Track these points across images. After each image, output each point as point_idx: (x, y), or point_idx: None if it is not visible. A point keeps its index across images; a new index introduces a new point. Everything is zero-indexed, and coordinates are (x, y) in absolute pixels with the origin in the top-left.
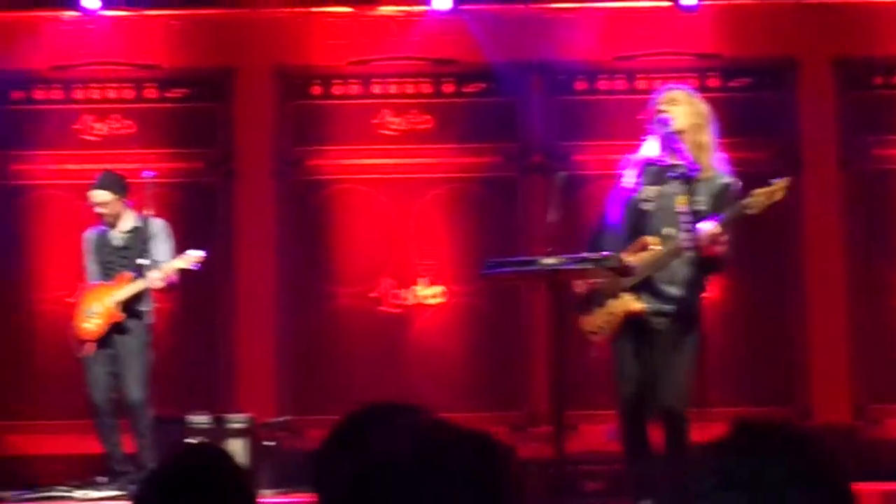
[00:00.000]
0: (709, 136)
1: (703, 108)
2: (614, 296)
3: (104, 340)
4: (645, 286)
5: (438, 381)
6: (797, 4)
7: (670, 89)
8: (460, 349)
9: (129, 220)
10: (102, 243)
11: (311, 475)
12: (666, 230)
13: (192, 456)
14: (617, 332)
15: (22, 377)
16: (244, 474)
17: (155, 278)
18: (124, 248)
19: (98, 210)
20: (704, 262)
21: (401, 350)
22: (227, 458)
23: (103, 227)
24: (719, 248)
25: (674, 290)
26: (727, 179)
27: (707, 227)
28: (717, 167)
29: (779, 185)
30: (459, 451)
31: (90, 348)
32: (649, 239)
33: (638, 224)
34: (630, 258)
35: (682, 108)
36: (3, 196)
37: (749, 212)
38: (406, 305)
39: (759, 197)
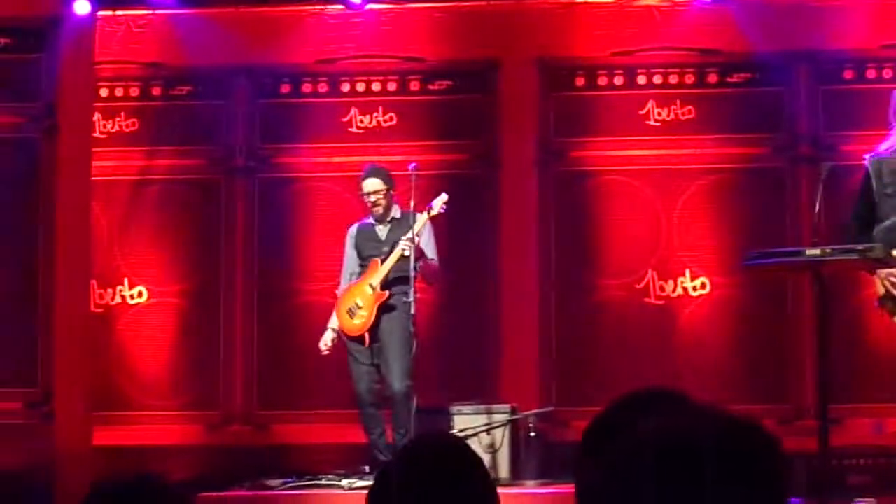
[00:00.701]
0: None
1: None
2: None
3: (372, 333)
4: None
5: (702, 372)
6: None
7: None
8: (724, 341)
9: (395, 214)
10: (368, 237)
11: (573, 463)
12: None
13: (426, 447)
14: None
15: (290, 368)
16: (480, 465)
17: (407, 241)
18: (384, 240)
19: (371, 199)
20: None
21: (665, 342)
22: (463, 447)
23: (369, 221)
24: None
25: None
26: None
27: None
28: None
29: None
30: (732, 437)
31: (365, 340)
32: None
33: None
34: None
35: None
36: (271, 187)
37: None
38: (670, 297)
39: None
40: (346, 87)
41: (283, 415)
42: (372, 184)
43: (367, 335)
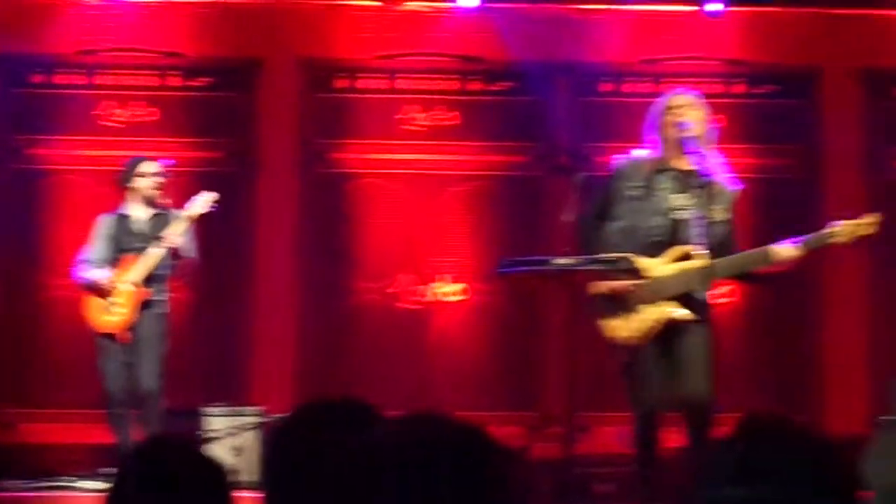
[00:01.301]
0: (712, 143)
1: (709, 113)
2: (650, 302)
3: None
4: (690, 296)
5: (455, 378)
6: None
7: (682, 93)
8: (478, 347)
9: (155, 209)
10: (126, 230)
11: (261, 470)
12: (701, 240)
13: (160, 449)
14: (649, 338)
15: (35, 364)
16: (217, 468)
17: (169, 240)
18: (144, 234)
19: (154, 183)
20: (753, 278)
21: (419, 347)
22: (195, 451)
23: (125, 213)
24: (783, 269)
25: (705, 297)
26: (735, 185)
27: (788, 251)
28: (724, 173)
29: (868, 220)
30: (445, 445)
31: (124, 337)
32: (688, 248)
33: (670, 231)
34: (670, 266)
35: (697, 114)
36: (22, 179)
37: (833, 241)
38: (425, 302)
39: (847, 228)
40: (103, 80)
41: (30, 413)
42: (155, 167)
43: (121, 332)
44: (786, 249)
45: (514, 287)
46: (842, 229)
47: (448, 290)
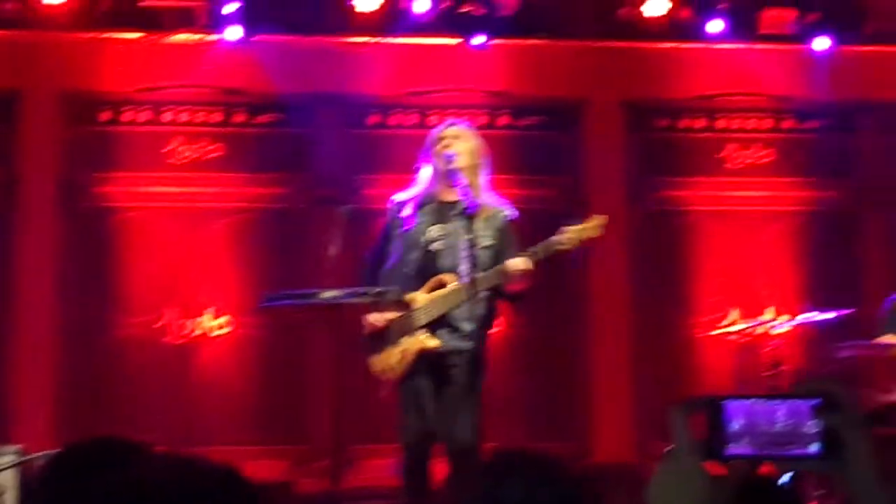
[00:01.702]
0: (485, 173)
1: (481, 144)
2: (407, 333)
3: None
4: (442, 323)
5: (223, 412)
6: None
7: (452, 125)
8: (246, 381)
9: None
10: None
11: None
12: (460, 268)
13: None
14: (409, 370)
15: None
16: None
17: None
18: None
19: None
20: (506, 297)
21: (186, 381)
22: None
23: None
24: (525, 284)
25: (471, 327)
26: (508, 213)
27: (518, 262)
28: (496, 202)
29: (592, 223)
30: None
31: None
32: (445, 277)
33: (426, 263)
34: (426, 296)
35: (466, 145)
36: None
37: (561, 248)
38: (192, 336)
39: (572, 234)
40: None
41: None
42: None
43: None
44: (515, 262)
45: (282, 320)
46: (567, 236)
47: (214, 324)
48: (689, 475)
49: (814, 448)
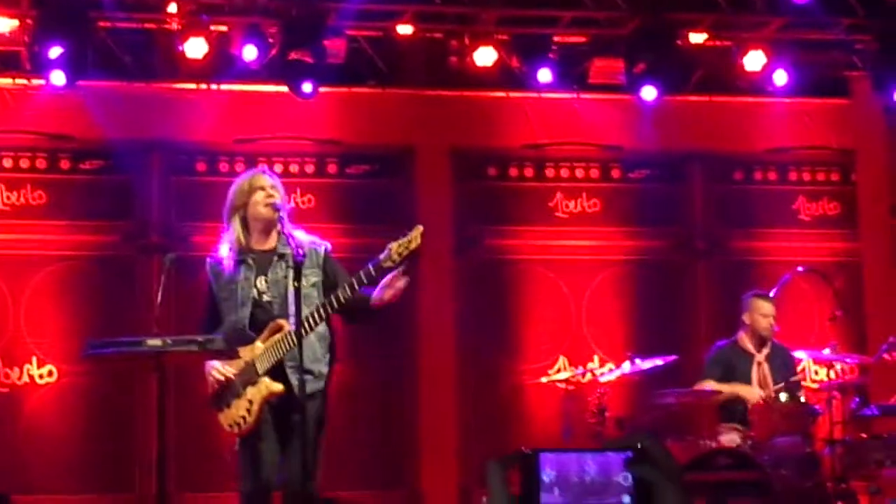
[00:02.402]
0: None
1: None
2: (251, 383)
3: None
4: (290, 366)
5: (49, 461)
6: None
7: (266, 173)
8: (72, 429)
9: None
10: None
11: None
12: (291, 312)
13: None
14: (258, 419)
15: None
16: None
17: None
18: None
19: None
20: (366, 312)
21: (10, 430)
22: None
23: None
24: (395, 296)
25: (320, 367)
26: (324, 245)
27: (390, 280)
28: (310, 240)
29: (414, 235)
30: None
31: None
32: (281, 322)
33: (260, 316)
34: (263, 344)
35: (280, 192)
36: None
37: (388, 265)
38: (16, 384)
39: (397, 248)
40: None
41: None
42: None
43: None
44: (343, 291)
45: (107, 368)
46: (392, 252)
47: (38, 373)
48: None
49: (625, 499)
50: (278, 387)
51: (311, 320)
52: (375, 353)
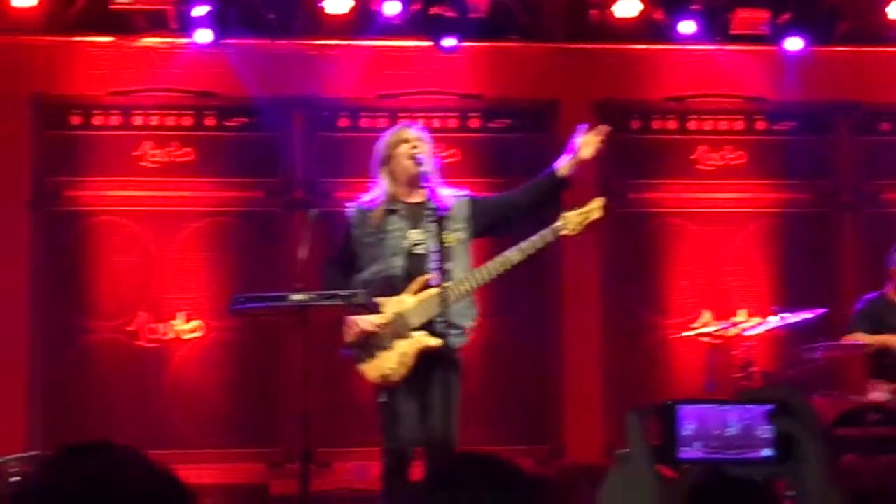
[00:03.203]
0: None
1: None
2: (401, 336)
3: None
4: (439, 322)
5: (195, 416)
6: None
7: (412, 127)
8: (218, 385)
9: None
10: None
11: None
12: (442, 269)
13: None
14: (408, 371)
15: None
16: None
17: None
18: None
19: None
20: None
21: (157, 385)
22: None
23: None
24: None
25: (465, 323)
26: (465, 193)
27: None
28: (452, 194)
29: (594, 205)
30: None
31: None
32: (430, 277)
33: (412, 267)
34: (414, 298)
35: (427, 147)
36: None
37: (564, 233)
38: (163, 340)
39: (574, 217)
40: None
41: None
42: None
43: None
44: (513, 254)
45: (253, 322)
46: (568, 221)
47: (186, 328)
48: (641, 478)
49: (766, 452)
50: (434, 341)
51: (473, 280)
52: (520, 308)
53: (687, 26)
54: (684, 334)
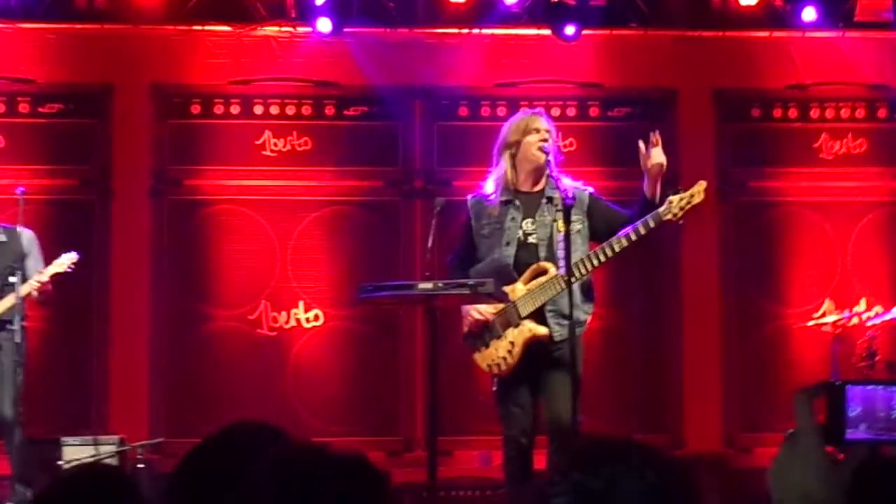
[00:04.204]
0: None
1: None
2: (512, 325)
3: None
4: (549, 311)
5: (316, 405)
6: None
7: (540, 115)
8: (338, 373)
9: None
10: None
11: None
12: (558, 257)
13: (89, 478)
14: (518, 361)
15: None
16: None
17: (28, 288)
18: None
19: None
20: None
21: (278, 373)
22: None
23: None
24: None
25: (579, 313)
26: (588, 189)
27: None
28: (575, 186)
29: (696, 189)
30: (330, 477)
31: None
32: (545, 265)
33: (526, 256)
34: (525, 286)
35: (554, 137)
36: None
37: (667, 218)
38: (283, 328)
39: (678, 202)
40: None
41: None
42: None
43: None
44: (619, 242)
45: (376, 311)
46: (673, 206)
47: (306, 317)
48: (810, 457)
49: None
50: (543, 330)
51: (583, 267)
52: (639, 297)
53: (809, 13)
54: (806, 324)
